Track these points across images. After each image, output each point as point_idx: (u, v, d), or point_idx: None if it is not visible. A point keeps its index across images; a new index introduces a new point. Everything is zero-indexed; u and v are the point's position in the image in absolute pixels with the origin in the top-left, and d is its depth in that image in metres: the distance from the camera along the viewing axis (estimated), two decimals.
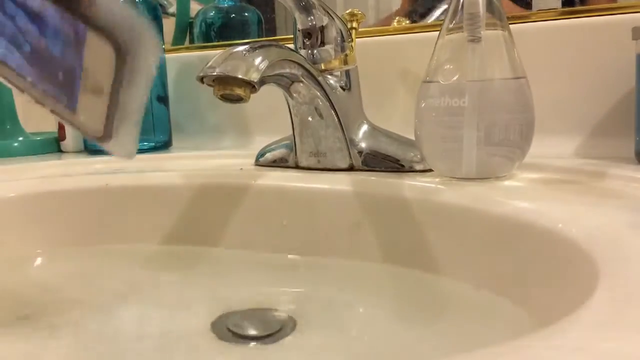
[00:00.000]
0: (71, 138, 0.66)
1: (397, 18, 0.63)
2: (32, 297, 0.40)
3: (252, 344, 0.32)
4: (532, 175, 0.40)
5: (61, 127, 0.66)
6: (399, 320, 0.35)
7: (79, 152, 0.66)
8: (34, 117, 0.76)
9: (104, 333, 0.35)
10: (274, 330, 0.33)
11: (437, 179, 0.40)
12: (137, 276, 0.44)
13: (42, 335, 0.35)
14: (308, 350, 0.32)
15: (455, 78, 0.38)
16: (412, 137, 0.42)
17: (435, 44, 0.40)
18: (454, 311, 0.35)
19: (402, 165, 0.44)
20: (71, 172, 0.53)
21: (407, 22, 0.61)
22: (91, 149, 0.64)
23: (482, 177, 0.39)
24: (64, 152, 0.67)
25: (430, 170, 0.42)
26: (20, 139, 0.68)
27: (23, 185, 0.49)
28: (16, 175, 0.52)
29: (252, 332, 0.33)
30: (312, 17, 0.45)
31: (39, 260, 0.47)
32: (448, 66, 0.39)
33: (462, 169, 0.38)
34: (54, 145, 0.67)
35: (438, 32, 0.40)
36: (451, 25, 0.39)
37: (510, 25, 0.39)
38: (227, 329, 0.33)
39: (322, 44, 0.46)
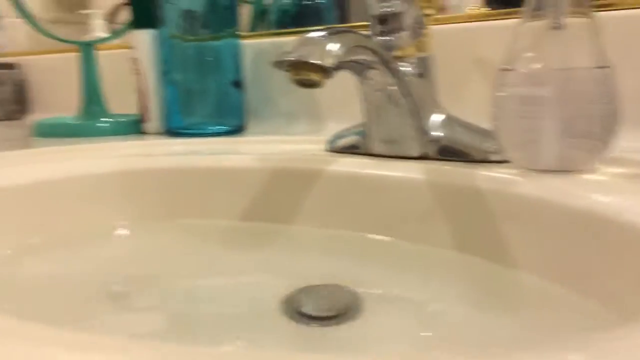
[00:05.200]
0: (153, 120, 0.69)
1: (471, 5, 0.61)
2: (117, 270, 0.43)
3: (322, 322, 0.33)
4: (616, 170, 0.39)
5: (143, 110, 0.69)
6: (470, 308, 0.35)
7: (160, 134, 0.69)
8: (118, 99, 0.80)
9: (184, 304, 0.36)
10: (343, 311, 0.34)
11: (513, 170, 0.39)
12: (213, 253, 0.46)
13: (124, 306, 0.37)
14: (377, 331, 0.32)
15: (535, 66, 0.37)
16: (488, 127, 0.41)
17: (515, 30, 0.39)
18: (528, 303, 0.34)
19: (478, 155, 0.43)
20: (153, 152, 0.56)
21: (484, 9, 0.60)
22: (172, 131, 0.66)
23: (561, 170, 0.38)
24: (146, 133, 0.70)
25: (507, 161, 0.41)
26: (106, 120, 0.72)
27: (109, 164, 0.52)
28: (102, 154, 0.55)
29: (322, 310, 0.34)
30: (387, 3, 0.45)
31: (122, 233, 0.50)
32: (528, 54, 0.38)
33: (540, 160, 0.37)
34: (137, 127, 0.71)
35: (516, 20, 0.39)
36: (532, 12, 0.38)
37: (596, 13, 0.37)
38: (298, 306, 0.34)
39: (397, 30, 0.46)
